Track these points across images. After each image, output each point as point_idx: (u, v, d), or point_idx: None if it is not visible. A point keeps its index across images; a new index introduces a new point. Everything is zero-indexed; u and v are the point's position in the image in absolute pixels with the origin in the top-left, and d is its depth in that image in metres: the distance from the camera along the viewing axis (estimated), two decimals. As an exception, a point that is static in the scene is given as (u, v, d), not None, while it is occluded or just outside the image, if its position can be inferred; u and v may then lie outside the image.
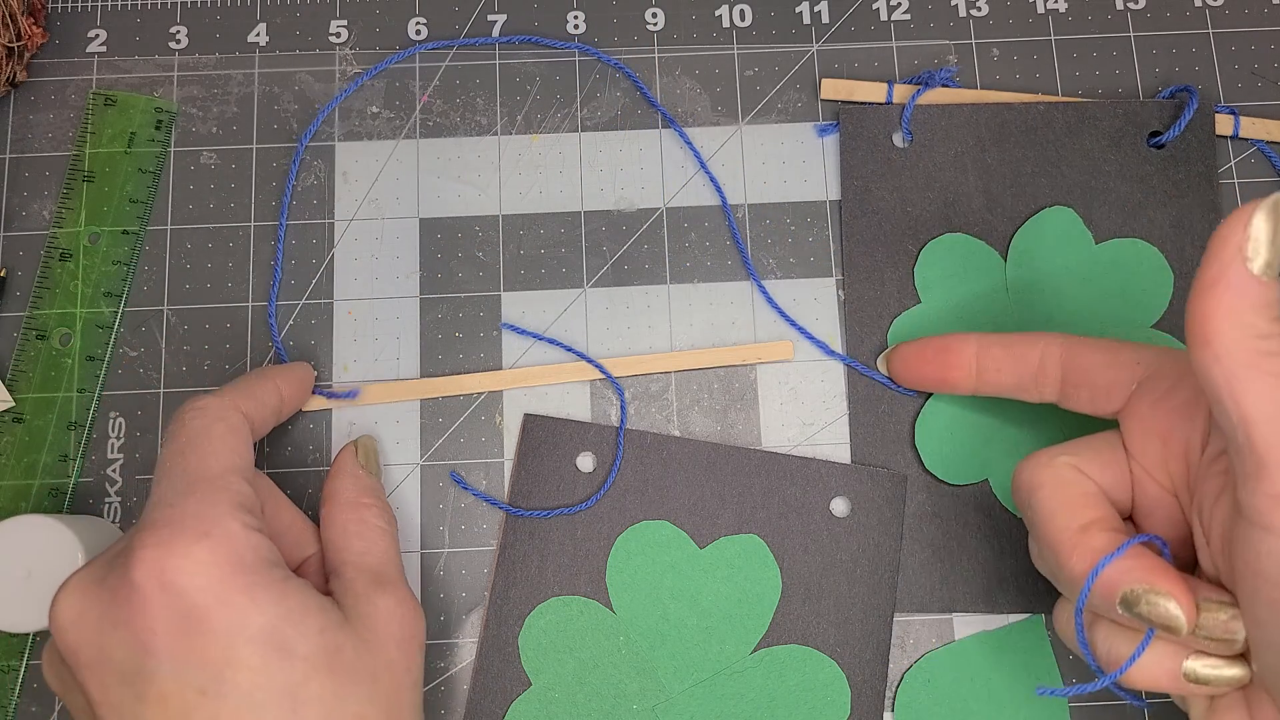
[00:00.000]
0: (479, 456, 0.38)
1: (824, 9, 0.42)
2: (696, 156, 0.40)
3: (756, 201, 0.40)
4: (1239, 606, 0.26)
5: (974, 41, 0.42)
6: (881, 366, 0.38)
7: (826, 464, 0.37)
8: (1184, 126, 0.39)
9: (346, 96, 0.41)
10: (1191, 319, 0.25)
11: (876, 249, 0.39)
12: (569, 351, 0.39)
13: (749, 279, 0.39)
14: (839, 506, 0.37)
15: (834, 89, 0.40)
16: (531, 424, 0.38)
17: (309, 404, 0.38)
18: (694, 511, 0.37)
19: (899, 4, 0.42)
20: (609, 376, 0.38)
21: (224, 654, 0.26)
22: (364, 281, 0.39)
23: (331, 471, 0.35)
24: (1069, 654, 0.36)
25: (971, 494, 0.37)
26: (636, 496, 0.37)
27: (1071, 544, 0.28)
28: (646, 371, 0.38)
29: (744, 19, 0.42)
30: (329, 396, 0.38)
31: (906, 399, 0.38)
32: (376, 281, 0.39)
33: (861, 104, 0.40)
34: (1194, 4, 0.42)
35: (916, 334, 0.38)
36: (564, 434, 0.37)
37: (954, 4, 0.42)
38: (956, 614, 0.37)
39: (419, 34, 0.42)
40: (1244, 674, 0.27)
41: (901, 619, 0.37)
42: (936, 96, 0.40)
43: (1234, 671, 0.27)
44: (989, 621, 0.36)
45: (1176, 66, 0.41)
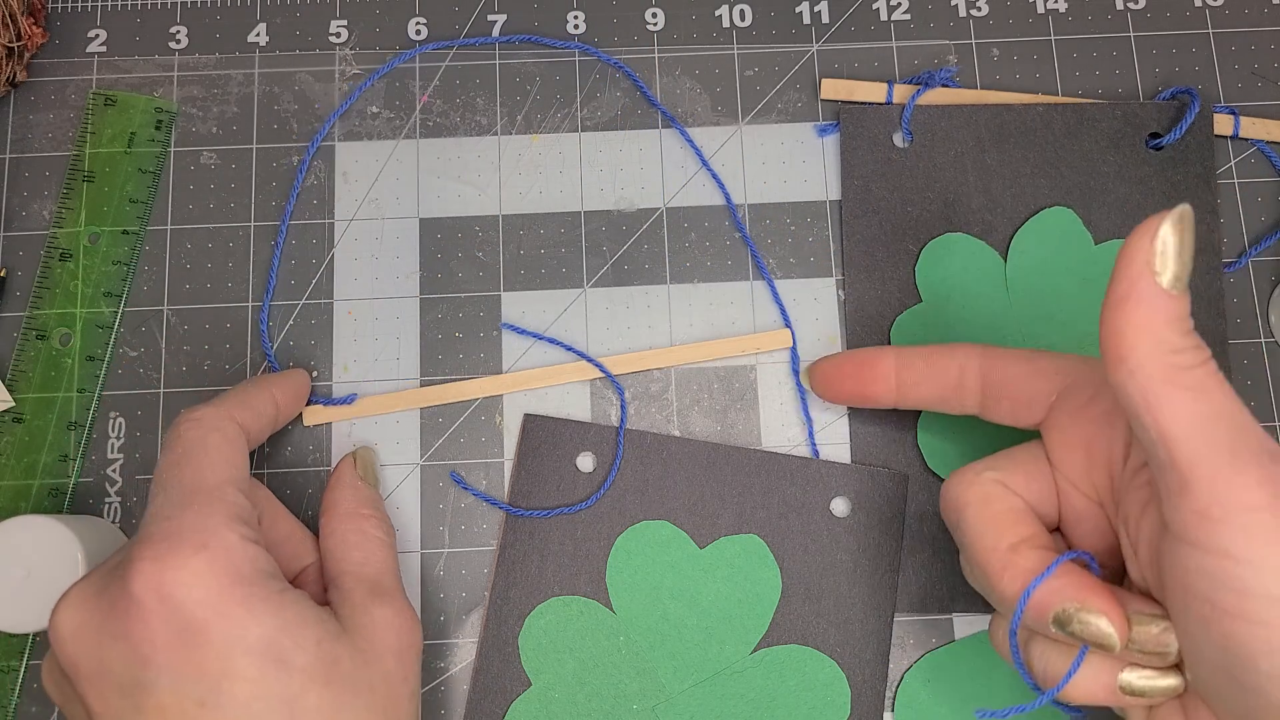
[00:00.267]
0: (479, 456, 0.38)
1: (824, 9, 0.42)
2: (698, 154, 0.40)
3: (756, 201, 0.40)
4: (1170, 619, 0.26)
5: (974, 41, 0.42)
6: (805, 381, 0.37)
7: (826, 464, 0.37)
8: (1184, 129, 0.39)
9: (345, 95, 0.41)
10: (1104, 335, 0.25)
11: (877, 249, 0.39)
12: (569, 351, 0.39)
13: (749, 279, 0.39)
14: (839, 506, 0.37)
15: (834, 89, 0.41)
16: (531, 424, 0.38)
17: (311, 417, 0.38)
18: (694, 511, 0.37)
19: (899, 4, 0.42)
20: (609, 376, 0.38)
21: (222, 666, 0.26)
22: (364, 281, 0.39)
23: (330, 482, 0.35)
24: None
25: (971, 494, 0.37)
26: (636, 496, 0.37)
27: (1001, 564, 0.28)
28: (646, 368, 0.38)
29: (744, 19, 0.42)
30: (326, 404, 0.38)
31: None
32: (376, 281, 0.39)
33: (861, 104, 0.40)
34: (1194, 4, 0.42)
35: (919, 333, 0.38)
36: (564, 434, 0.37)
37: (954, 4, 0.42)
38: (956, 614, 0.37)
39: (419, 34, 0.42)
40: (1178, 684, 0.27)
41: (901, 619, 0.37)
42: (936, 96, 0.40)
43: (1169, 682, 0.27)
44: (989, 622, 0.36)
45: (1176, 67, 0.41)
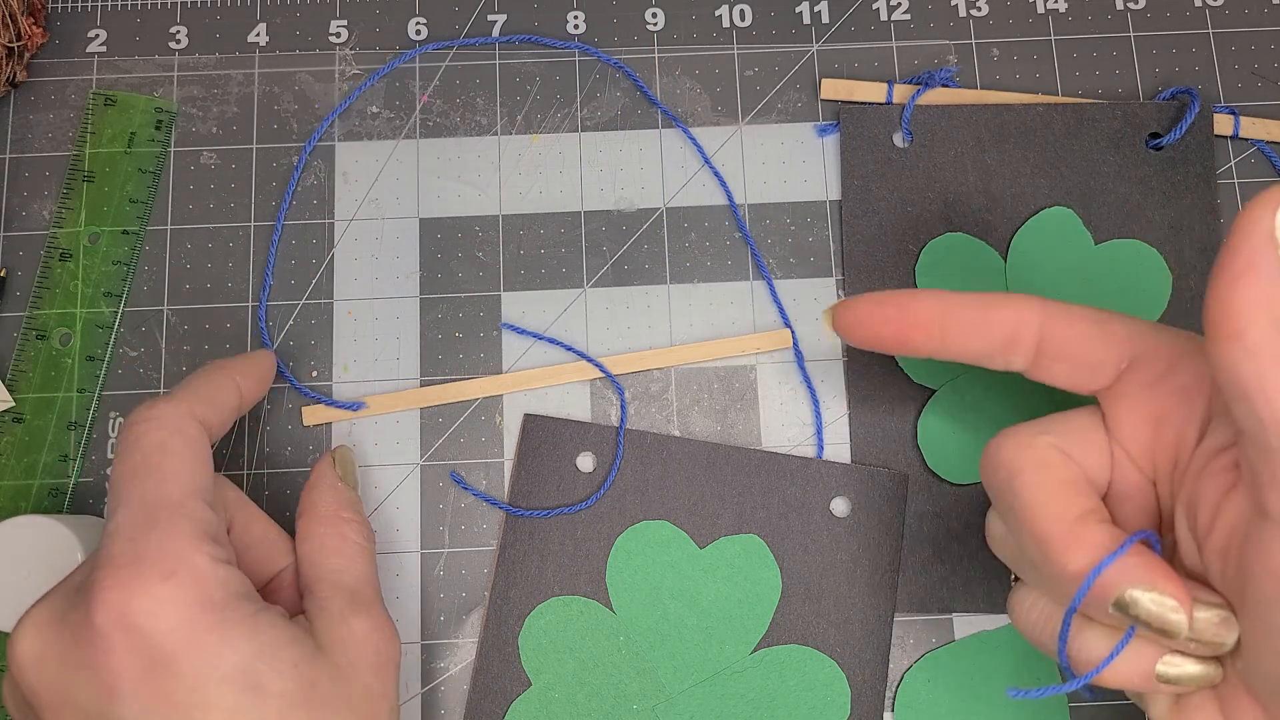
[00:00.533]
0: (479, 456, 0.38)
1: (824, 9, 0.42)
2: (700, 152, 0.40)
3: (756, 201, 0.40)
4: (1233, 610, 0.25)
5: (974, 41, 0.42)
6: (825, 323, 0.32)
7: (826, 464, 0.37)
8: (1184, 130, 0.39)
9: (345, 95, 0.41)
10: (1217, 310, 0.23)
11: (877, 249, 0.39)
12: (569, 351, 0.39)
13: (749, 279, 0.39)
14: (839, 506, 0.37)
15: (834, 89, 0.41)
16: (531, 424, 0.38)
17: (311, 417, 0.38)
18: (694, 511, 0.37)
19: (899, 4, 0.42)
20: (609, 376, 0.38)
21: (194, 697, 0.25)
22: (364, 281, 0.39)
23: (309, 483, 0.34)
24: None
25: (973, 494, 0.37)
26: (636, 496, 0.37)
27: (1067, 537, 0.26)
28: (646, 368, 0.38)
29: (744, 19, 0.42)
30: (331, 406, 0.38)
31: (908, 398, 0.38)
32: (376, 281, 0.39)
33: (861, 104, 0.40)
34: (1194, 4, 0.42)
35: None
36: (564, 434, 0.37)
37: (954, 4, 0.42)
38: (956, 614, 0.37)
39: (419, 34, 0.42)
40: (1218, 674, 0.26)
41: (901, 619, 0.37)
42: (936, 96, 0.40)
43: (1210, 670, 0.26)
44: (989, 621, 0.36)
45: (1176, 67, 0.41)
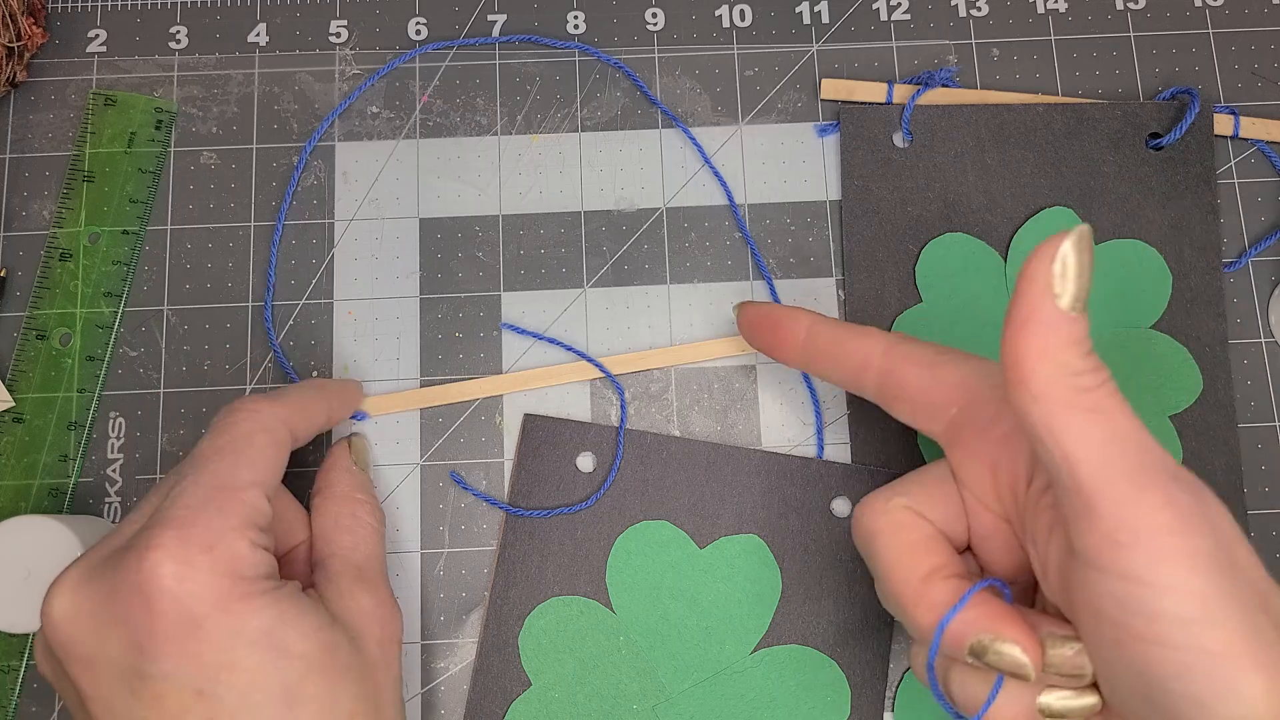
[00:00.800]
0: (479, 456, 0.38)
1: (824, 9, 0.42)
2: (700, 152, 0.40)
3: (756, 201, 0.40)
4: (1083, 640, 0.26)
5: (974, 41, 0.42)
6: (735, 314, 0.36)
7: (826, 464, 0.37)
8: (1185, 130, 0.39)
9: (345, 95, 0.41)
10: (1006, 359, 0.24)
11: (877, 249, 0.39)
12: (569, 351, 0.39)
13: (749, 279, 0.39)
14: (839, 506, 0.37)
15: (834, 89, 0.41)
16: (531, 424, 0.38)
17: None
18: (694, 511, 0.37)
19: (899, 4, 0.42)
20: (609, 376, 0.38)
21: (222, 657, 0.27)
22: (364, 281, 0.39)
23: (326, 465, 0.35)
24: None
25: (971, 494, 0.37)
26: (636, 496, 0.37)
27: (915, 597, 0.28)
28: (645, 367, 0.38)
29: (744, 19, 0.42)
30: None
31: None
32: (376, 281, 0.39)
33: (861, 104, 0.40)
34: (1194, 4, 0.42)
35: (919, 334, 0.38)
36: (564, 434, 0.37)
37: (954, 4, 0.42)
38: (956, 614, 0.37)
39: (419, 34, 0.42)
40: (1096, 703, 0.26)
41: (901, 619, 0.37)
42: (936, 97, 0.40)
43: (1087, 701, 0.26)
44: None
45: (1176, 67, 0.41)
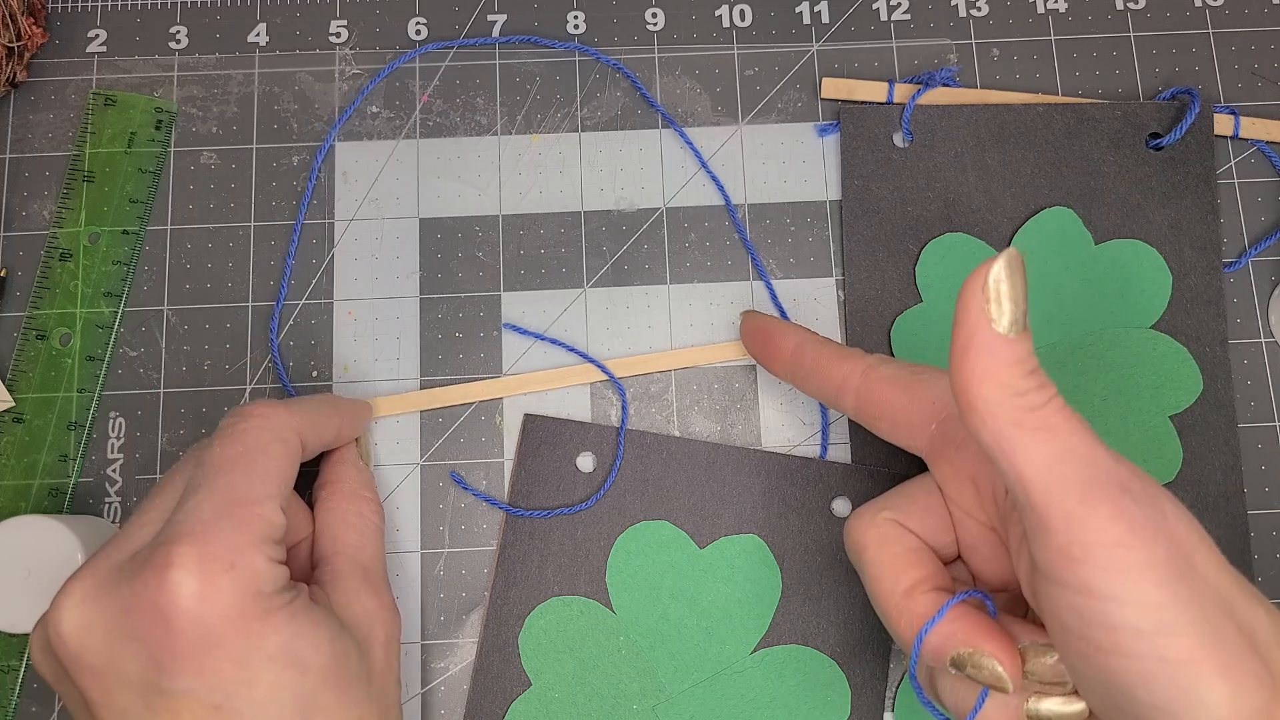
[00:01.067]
0: (479, 456, 0.38)
1: (824, 9, 0.42)
2: (697, 156, 0.40)
3: (756, 201, 0.40)
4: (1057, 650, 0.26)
5: (974, 41, 0.42)
6: (736, 323, 0.37)
7: (826, 464, 0.37)
8: (1185, 130, 0.39)
9: (345, 95, 0.41)
10: (953, 386, 0.25)
11: (877, 248, 0.39)
12: (570, 351, 0.39)
13: (749, 279, 0.39)
14: (839, 506, 0.37)
15: (834, 88, 0.40)
16: (531, 424, 0.38)
17: None
18: (694, 511, 0.37)
19: (899, 4, 0.42)
20: (611, 377, 0.38)
21: (241, 673, 0.27)
22: (364, 281, 0.39)
23: (333, 459, 0.35)
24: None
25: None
26: (636, 496, 0.37)
27: (898, 610, 0.29)
28: (647, 371, 0.38)
29: (744, 19, 0.42)
30: None
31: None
32: (376, 281, 0.39)
33: (861, 104, 0.40)
34: (1194, 4, 0.42)
35: (919, 334, 0.38)
36: (564, 434, 0.37)
37: (954, 4, 0.42)
38: (956, 614, 0.37)
39: (419, 34, 0.42)
40: (1084, 709, 0.27)
41: (901, 619, 0.37)
42: (937, 96, 0.40)
43: (1074, 708, 0.27)
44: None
45: (1176, 67, 0.41)
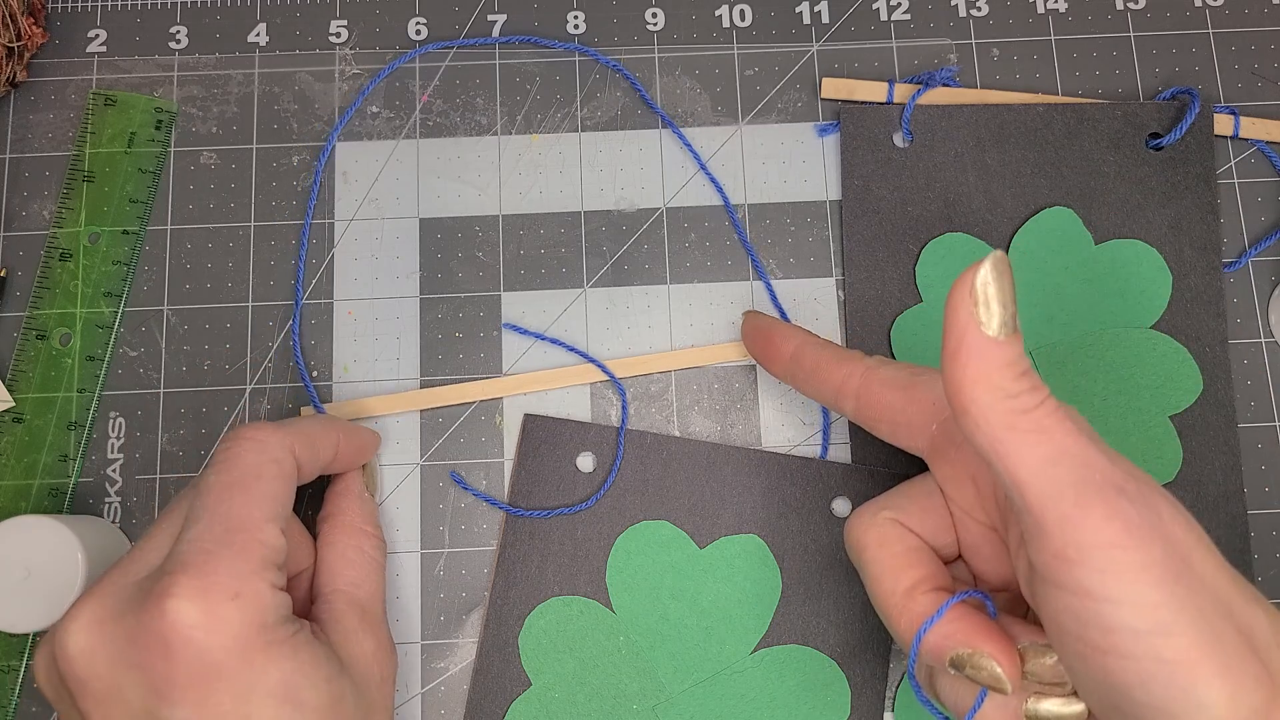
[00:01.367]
0: (479, 456, 0.38)
1: (824, 9, 0.42)
2: (696, 158, 0.40)
3: (756, 201, 0.40)
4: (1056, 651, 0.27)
5: (974, 41, 0.42)
6: (737, 323, 0.36)
7: (826, 464, 0.37)
8: (1185, 130, 0.39)
9: (345, 95, 0.41)
10: (946, 390, 0.25)
11: (877, 248, 0.39)
12: (571, 351, 0.39)
13: (749, 279, 0.39)
14: (839, 506, 0.37)
15: (834, 88, 0.40)
16: (531, 424, 0.38)
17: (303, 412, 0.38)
18: (694, 511, 0.37)
19: (899, 4, 0.42)
20: (612, 377, 0.38)
21: (239, 706, 0.27)
22: (364, 281, 0.39)
23: (337, 489, 0.35)
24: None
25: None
26: (636, 496, 0.37)
27: (897, 609, 0.29)
28: (647, 371, 0.38)
29: (744, 19, 0.42)
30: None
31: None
32: (376, 281, 0.39)
33: (862, 104, 0.40)
34: (1194, 4, 0.42)
35: (919, 334, 0.38)
36: (564, 434, 0.37)
37: (954, 4, 0.42)
38: (956, 614, 0.37)
39: (419, 34, 0.42)
40: (1083, 710, 0.27)
41: (901, 619, 0.37)
42: (937, 96, 0.40)
43: (1074, 709, 0.27)
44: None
45: (1176, 67, 0.41)
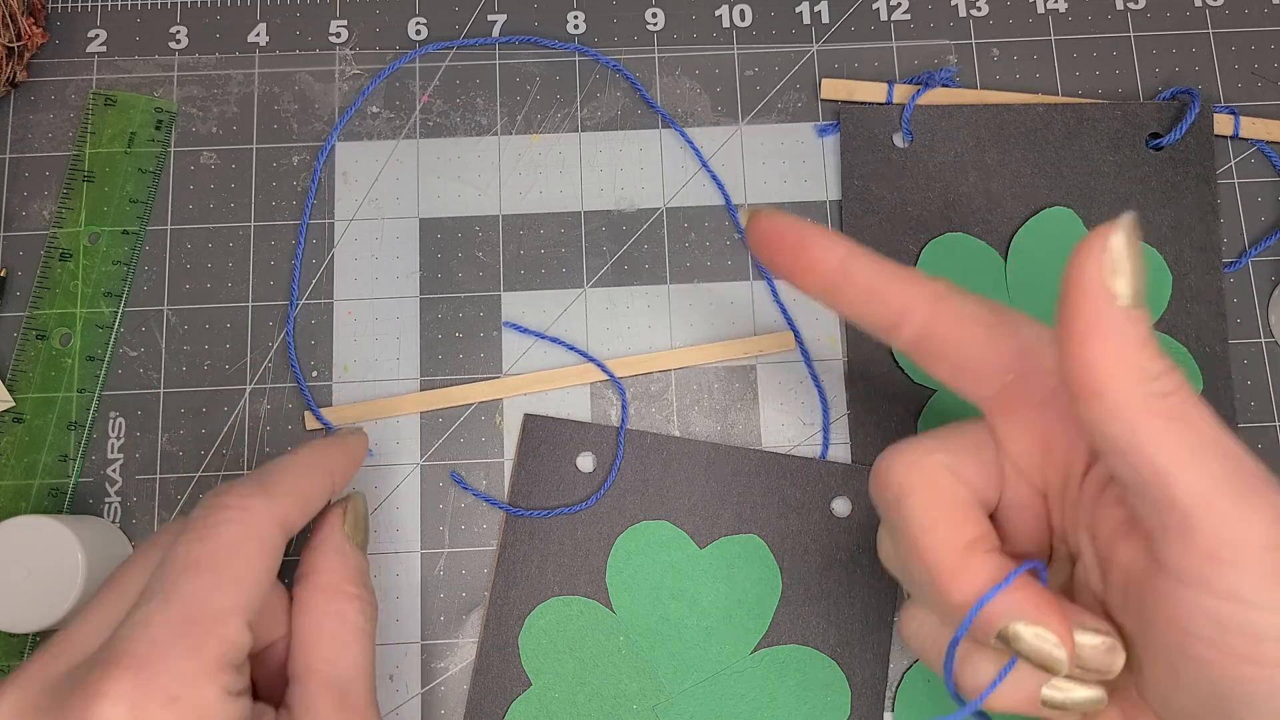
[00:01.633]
0: (479, 456, 0.38)
1: (824, 9, 0.42)
2: (697, 155, 0.40)
3: (757, 201, 0.40)
4: (1121, 638, 0.25)
5: (974, 41, 0.42)
6: (742, 219, 0.30)
7: (826, 464, 0.37)
8: (1185, 130, 0.39)
9: (345, 95, 0.41)
10: (1072, 374, 0.22)
11: (877, 248, 0.39)
12: (571, 350, 0.39)
13: (749, 279, 0.39)
14: (839, 506, 0.37)
15: (834, 89, 0.40)
16: (531, 424, 0.38)
17: (312, 422, 0.38)
18: (694, 511, 0.37)
19: (899, 4, 0.42)
20: (612, 377, 0.38)
21: None
22: (364, 281, 0.39)
23: (313, 541, 0.30)
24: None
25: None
26: (636, 496, 0.37)
27: (953, 568, 0.25)
28: (647, 370, 0.38)
29: (744, 19, 0.42)
30: (329, 429, 0.38)
31: (908, 398, 0.38)
32: (376, 281, 0.39)
33: (861, 104, 0.40)
34: (1194, 4, 0.42)
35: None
36: (564, 434, 0.37)
37: (954, 4, 0.42)
38: (956, 614, 0.37)
39: (419, 34, 0.42)
40: (1103, 698, 0.25)
41: (901, 619, 0.37)
42: (936, 97, 0.40)
43: (1095, 694, 0.25)
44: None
45: (1176, 67, 0.41)
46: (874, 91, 0.40)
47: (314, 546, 0.30)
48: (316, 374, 0.38)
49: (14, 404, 0.38)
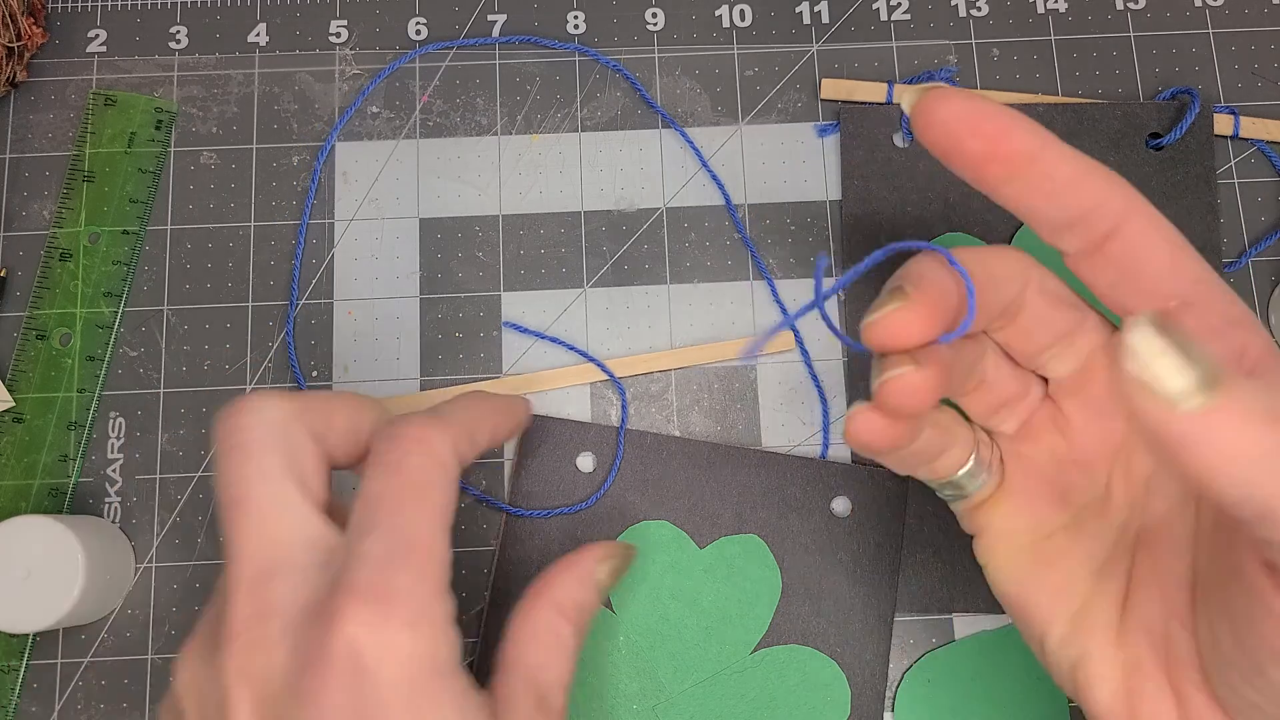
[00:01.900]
0: (479, 457, 0.38)
1: (824, 9, 0.42)
2: (698, 155, 0.40)
3: (756, 201, 0.40)
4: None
5: (974, 41, 0.42)
6: (905, 103, 0.26)
7: (826, 464, 0.37)
8: (1185, 130, 0.39)
9: (345, 95, 0.41)
10: (1191, 479, 0.19)
11: (877, 248, 0.39)
12: (571, 350, 0.39)
13: (749, 279, 0.39)
14: (839, 506, 0.37)
15: (834, 89, 0.41)
16: (531, 424, 0.38)
17: None
18: (694, 511, 0.37)
19: (899, 4, 0.42)
20: (612, 376, 0.38)
21: None
22: (364, 281, 0.39)
23: (566, 559, 0.31)
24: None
25: (971, 494, 0.37)
26: (636, 496, 0.37)
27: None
28: (647, 370, 0.38)
29: (744, 19, 0.42)
30: None
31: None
32: (376, 281, 0.39)
33: (861, 104, 0.40)
34: (1194, 4, 0.42)
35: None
36: (564, 434, 0.37)
37: (954, 4, 0.42)
38: (956, 614, 0.37)
39: (419, 34, 0.42)
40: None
41: (901, 619, 0.37)
42: (936, 96, 0.40)
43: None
44: (989, 622, 0.36)
45: (1176, 67, 0.41)
46: (874, 91, 0.40)
47: (564, 564, 0.31)
48: (316, 374, 0.38)
49: (14, 404, 0.38)
